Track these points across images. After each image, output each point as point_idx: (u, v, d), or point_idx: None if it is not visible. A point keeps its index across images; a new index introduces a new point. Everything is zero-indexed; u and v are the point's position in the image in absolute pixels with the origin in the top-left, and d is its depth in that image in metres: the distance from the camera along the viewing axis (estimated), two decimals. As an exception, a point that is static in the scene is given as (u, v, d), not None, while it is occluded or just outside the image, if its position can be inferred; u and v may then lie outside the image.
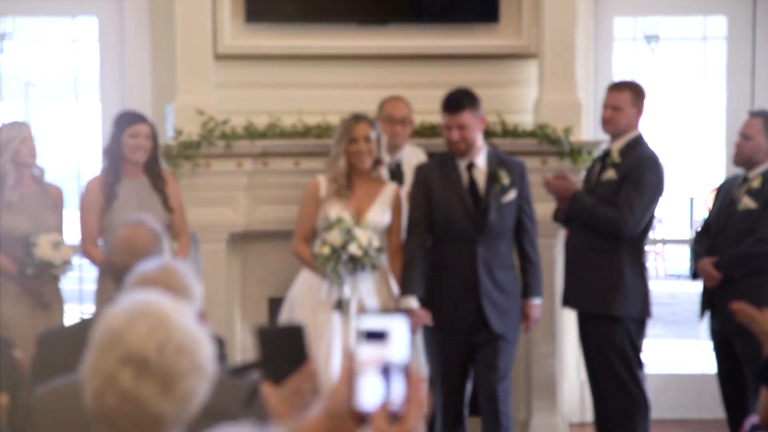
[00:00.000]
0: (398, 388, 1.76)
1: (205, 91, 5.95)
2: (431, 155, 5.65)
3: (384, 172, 5.32)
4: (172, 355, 1.96)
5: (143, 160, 5.42)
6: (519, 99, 6.13)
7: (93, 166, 6.02)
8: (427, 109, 5.89)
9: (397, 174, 5.59)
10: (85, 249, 5.42)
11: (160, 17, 6.26)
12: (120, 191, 5.38)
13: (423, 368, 5.22)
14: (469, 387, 5.25)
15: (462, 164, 5.15)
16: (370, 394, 1.77)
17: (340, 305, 5.13)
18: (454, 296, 5.14)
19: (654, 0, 6.63)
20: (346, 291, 5.14)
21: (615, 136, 5.40)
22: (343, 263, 5.05)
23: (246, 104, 6.04)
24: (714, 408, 6.15)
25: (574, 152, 5.88)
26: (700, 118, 6.73)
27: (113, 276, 3.54)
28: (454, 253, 5.12)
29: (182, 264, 2.94)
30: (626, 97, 5.35)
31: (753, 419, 4.13)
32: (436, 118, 5.93)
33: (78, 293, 6.67)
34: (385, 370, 1.77)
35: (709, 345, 5.70)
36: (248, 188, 5.99)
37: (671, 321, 9.69)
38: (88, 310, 6.56)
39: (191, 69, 5.96)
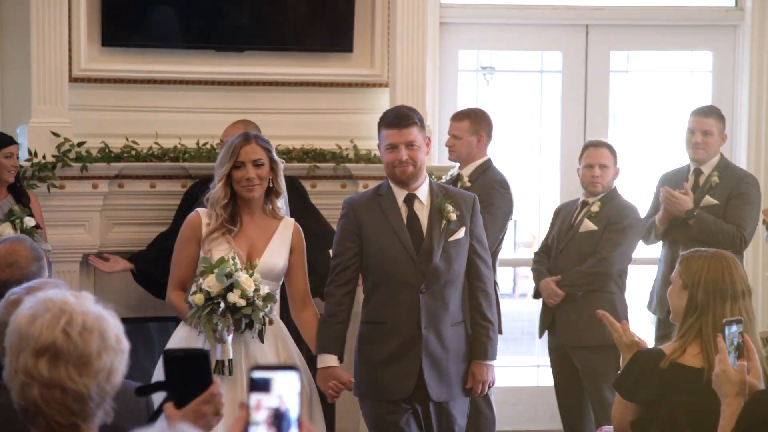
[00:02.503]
0: None
1: (60, 114, 5.95)
2: (287, 178, 5.80)
3: (281, 204, 4.45)
4: (80, 336, 2.11)
5: (12, 180, 5.46)
6: (371, 126, 6.32)
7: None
8: (283, 134, 6.07)
9: None
10: None
11: (10, 37, 6.25)
12: None
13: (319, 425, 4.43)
14: None
15: (400, 196, 4.41)
16: None
17: (221, 368, 4.13)
18: (391, 357, 4.35)
19: (496, 35, 6.99)
20: (226, 351, 4.14)
21: (460, 162, 5.72)
22: (221, 315, 4.05)
23: (102, 127, 6.07)
24: (547, 420, 6.57)
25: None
26: (538, 146, 7.10)
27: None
28: (393, 304, 4.35)
29: (56, 282, 3.04)
30: (465, 125, 5.70)
31: (607, 429, 4.43)
32: (291, 142, 6.14)
33: None
34: (277, 421, 1.88)
35: (545, 360, 6.04)
36: (103, 210, 6.02)
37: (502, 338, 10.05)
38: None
39: (46, 91, 5.94)
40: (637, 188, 6.63)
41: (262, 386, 1.90)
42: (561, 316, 5.69)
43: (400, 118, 4.36)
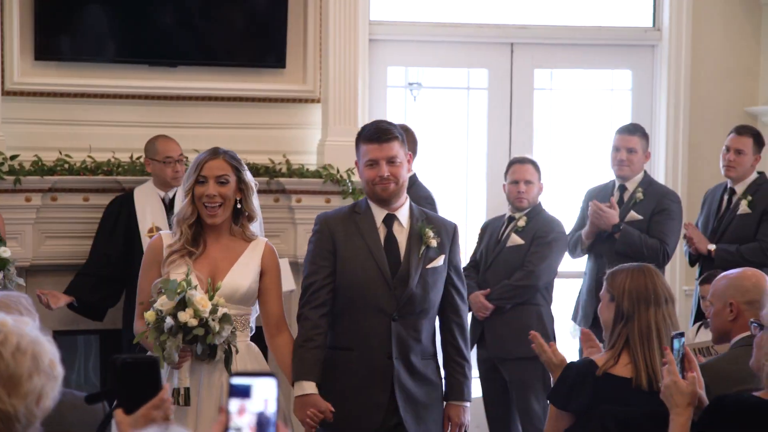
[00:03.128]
0: None
1: (-7, 127, 5.96)
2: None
3: (255, 227, 4.12)
4: (12, 357, 2.13)
5: None
6: (304, 141, 6.45)
7: None
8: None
9: (171, 207, 5.67)
10: None
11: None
12: None
13: None
14: None
15: (379, 216, 4.17)
16: None
17: (176, 396, 3.84)
18: (358, 387, 4.11)
19: (424, 52, 7.15)
20: (183, 378, 3.87)
21: None
22: (169, 334, 3.77)
23: (35, 140, 6.08)
24: (472, 430, 6.73)
25: (356, 192, 6.25)
26: (464, 162, 7.26)
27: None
28: (363, 330, 4.10)
29: (18, 295, 3.10)
30: None
31: None
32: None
33: None
34: (262, 425, 1.95)
35: (474, 372, 6.18)
36: (36, 223, 6.03)
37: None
38: None
39: (-21, 104, 5.95)
40: (562, 203, 6.82)
41: (243, 392, 1.96)
42: (490, 329, 5.83)
43: (380, 133, 4.10)
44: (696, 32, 7.17)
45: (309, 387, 4.05)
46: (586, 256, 6.10)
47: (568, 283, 6.71)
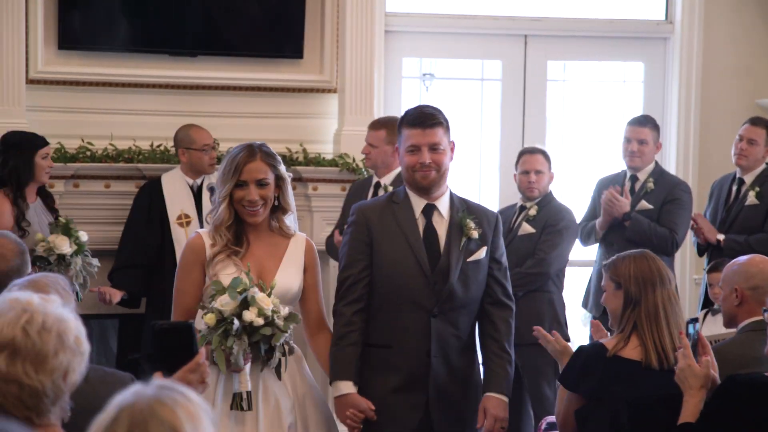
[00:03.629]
0: None
1: (17, 115, 6.09)
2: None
3: (290, 222, 3.93)
4: (38, 335, 2.26)
5: (47, 181, 5.58)
6: (320, 130, 6.58)
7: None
8: (234, 137, 6.22)
9: (211, 193, 5.69)
10: None
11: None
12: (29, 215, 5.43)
13: None
14: None
15: (418, 206, 3.96)
16: None
17: (238, 402, 3.64)
18: (397, 387, 3.91)
19: (439, 44, 7.26)
20: (244, 381, 3.63)
21: (376, 170, 5.81)
22: (236, 337, 3.53)
23: (58, 128, 6.21)
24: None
25: (372, 180, 6.36)
26: (478, 152, 7.36)
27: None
28: (401, 326, 3.90)
29: (56, 276, 3.23)
30: (382, 135, 5.70)
31: (549, 418, 4.70)
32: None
33: None
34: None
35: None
36: (59, 208, 6.15)
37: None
38: None
39: (4, 93, 6.09)
40: (573, 192, 6.92)
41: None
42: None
43: (424, 117, 3.88)
44: (708, 25, 7.26)
45: (345, 387, 3.87)
46: (597, 244, 6.21)
47: (579, 271, 6.82)
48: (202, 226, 5.67)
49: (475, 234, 3.91)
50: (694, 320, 3.47)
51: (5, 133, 5.58)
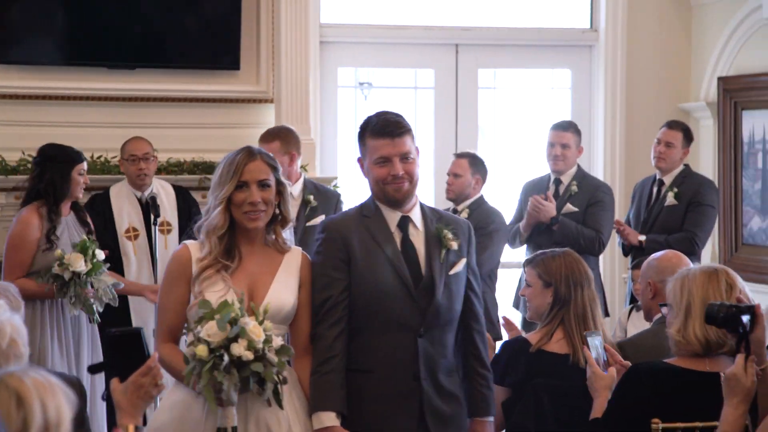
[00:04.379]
0: None
1: (-42, 128, 6.20)
2: (178, 188, 6.11)
3: (287, 234, 3.74)
4: None
5: (81, 196, 5.51)
6: (257, 140, 6.72)
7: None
8: (174, 147, 6.43)
9: (153, 206, 5.82)
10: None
11: None
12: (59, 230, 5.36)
13: None
14: None
15: (392, 219, 3.66)
16: None
17: None
18: (384, 412, 3.60)
19: (373, 53, 7.46)
20: (229, 416, 3.23)
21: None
22: (224, 371, 3.18)
23: (-1, 141, 6.33)
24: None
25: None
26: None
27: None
28: (384, 349, 3.60)
29: (5, 284, 3.38)
30: (276, 146, 5.60)
31: None
32: (182, 155, 6.48)
33: None
34: None
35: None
36: (0, 221, 6.26)
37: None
38: None
39: (-57, 107, 6.19)
40: (505, 196, 7.13)
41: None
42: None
43: (391, 126, 3.60)
44: (631, 32, 7.53)
45: (327, 419, 3.51)
46: (525, 246, 6.42)
47: (510, 273, 7.03)
48: (151, 240, 5.77)
49: (455, 245, 3.67)
50: (595, 334, 3.72)
51: (43, 145, 5.54)
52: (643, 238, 6.25)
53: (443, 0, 7.51)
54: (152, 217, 5.80)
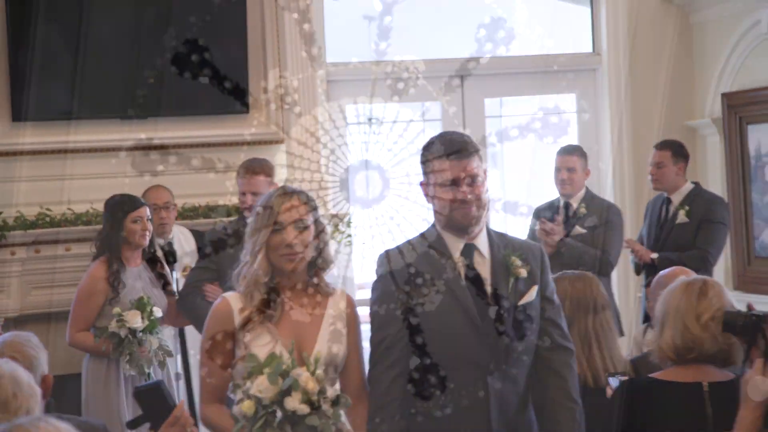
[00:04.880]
0: None
1: (-24, 188, 6.30)
2: (198, 232, 6.20)
3: (329, 278, 3.48)
4: None
5: (146, 244, 5.52)
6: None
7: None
8: (188, 193, 6.51)
9: (170, 254, 5.92)
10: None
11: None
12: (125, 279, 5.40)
13: None
14: None
15: (455, 248, 3.41)
16: None
17: None
18: None
19: (377, 89, 7.51)
20: None
21: None
22: (278, 428, 3.02)
23: (17, 197, 6.44)
24: None
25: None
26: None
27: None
28: (452, 390, 3.29)
29: (28, 334, 3.48)
30: (261, 180, 5.68)
31: None
32: (198, 200, 6.57)
33: None
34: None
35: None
36: (22, 275, 6.35)
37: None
38: None
39: (-39, 167, 6.29)
40: (517, 221, 7.18)
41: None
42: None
43: (458, 146, 3.42)
44: (633, 54, 7.61)
45: None
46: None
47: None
48: (165, 288, 5.84)
49: (524, 272, 3.39)
50: (615, 374, 3.67)
51: (109, 197, 5.63)
52: (655, 255, 6.30)
53: (445, 34, 7.60)
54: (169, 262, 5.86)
